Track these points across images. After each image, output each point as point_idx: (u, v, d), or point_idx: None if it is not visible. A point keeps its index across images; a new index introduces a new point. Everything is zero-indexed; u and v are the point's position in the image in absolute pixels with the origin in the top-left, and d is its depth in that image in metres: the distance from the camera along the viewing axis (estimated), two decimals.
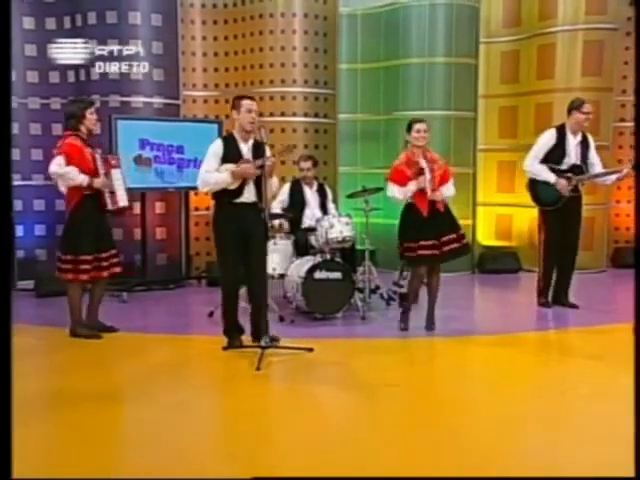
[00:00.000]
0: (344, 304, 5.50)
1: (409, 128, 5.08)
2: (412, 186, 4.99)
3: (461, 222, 6.02)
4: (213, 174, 4.52)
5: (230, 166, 4.48)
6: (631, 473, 2.20)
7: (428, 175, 5.03)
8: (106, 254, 5.01)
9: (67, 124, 4.95)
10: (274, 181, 4.71)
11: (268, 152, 4.57)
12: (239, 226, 4.52)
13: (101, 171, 4.90)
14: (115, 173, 5.03)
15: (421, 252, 5.03)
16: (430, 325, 5.21)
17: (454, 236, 5.08)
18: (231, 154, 4.53)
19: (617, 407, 3.36)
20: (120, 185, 5.05)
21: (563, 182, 5.65)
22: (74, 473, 2.70)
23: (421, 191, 5.02)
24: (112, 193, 4.98)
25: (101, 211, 4.99)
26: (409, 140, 5.08)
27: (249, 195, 4.52)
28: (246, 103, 4.54)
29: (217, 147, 4.60)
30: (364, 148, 8.38)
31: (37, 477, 2.52)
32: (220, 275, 4.82)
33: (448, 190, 5.13)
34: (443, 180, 5.10)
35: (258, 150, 4.54)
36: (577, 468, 2.77)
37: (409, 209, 5.12)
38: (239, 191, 4.51)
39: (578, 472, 2.70)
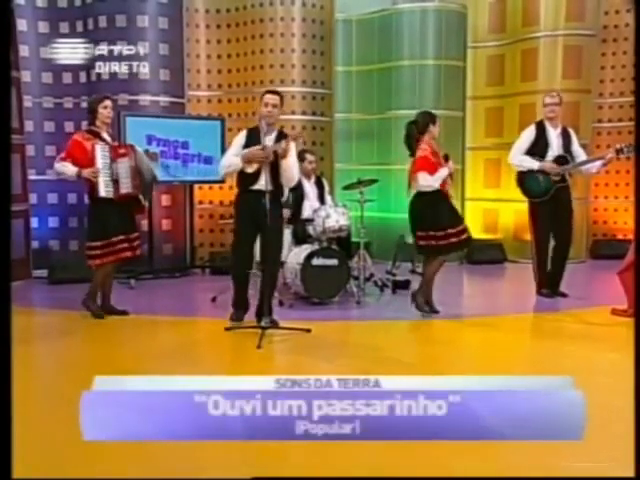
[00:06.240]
0: (340, 289, 5.59)
1: (434, 121, 5.07)
2: (444, 172, 4.96)
3: None
4: (228, 158, 4.74)
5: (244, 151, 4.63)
6: (631, 473, 2.19)
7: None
8: (116, 239, 5.02)
9: (88, 120, 5.15)
10: (291, 162, 4.66)
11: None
12: (252, 212, 4.62)
13: (100, 161, 4.90)
14: (121, 162, 4.99)
15: (452, 240, 4.99)
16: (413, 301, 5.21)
17: (461, 228, 5.11)
18: (253, 144, 4.62)
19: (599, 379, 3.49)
20: (124, 173, 4.98)
21: (548, 164, 5.60)
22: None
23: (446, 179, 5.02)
24: (116, 181, 4.96)
25: (97, 199, 4.96)
26: (433, 133, 5.06)
27: (264, 183, 4.51)
28: (265, 97, 4.67)
29: (240, 136, 4.77)
30: (359, 146, 8.48)
31: (37, 477, 2.46)
32: (232, 255, 4.97)
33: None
34: None
35: (281, 141, 4.60)
36: None
37: (430, 198, 4.99)
38: (255, 179, 4.63)
39: None
